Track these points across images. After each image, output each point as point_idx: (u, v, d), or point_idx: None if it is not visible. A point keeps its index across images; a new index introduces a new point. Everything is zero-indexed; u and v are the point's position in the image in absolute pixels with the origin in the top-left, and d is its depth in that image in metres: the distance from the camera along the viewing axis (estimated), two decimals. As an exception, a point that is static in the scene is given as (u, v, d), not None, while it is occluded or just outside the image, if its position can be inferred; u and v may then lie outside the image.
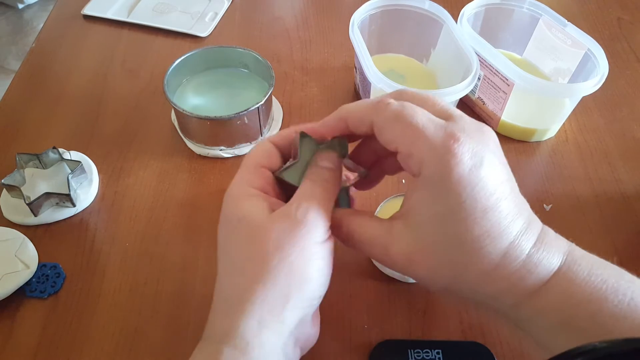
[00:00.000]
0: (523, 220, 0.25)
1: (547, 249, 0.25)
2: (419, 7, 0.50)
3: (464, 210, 0.23)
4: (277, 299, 0.25)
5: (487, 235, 0.24)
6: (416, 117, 0.25)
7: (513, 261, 0.25)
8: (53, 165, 0.44)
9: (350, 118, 0.28)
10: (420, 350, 0.34)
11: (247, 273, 0.25)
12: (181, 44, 0.59)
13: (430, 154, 0.24)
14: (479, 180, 0.24)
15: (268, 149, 0.29)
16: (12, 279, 0.37)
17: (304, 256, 0.25)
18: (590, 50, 0.46)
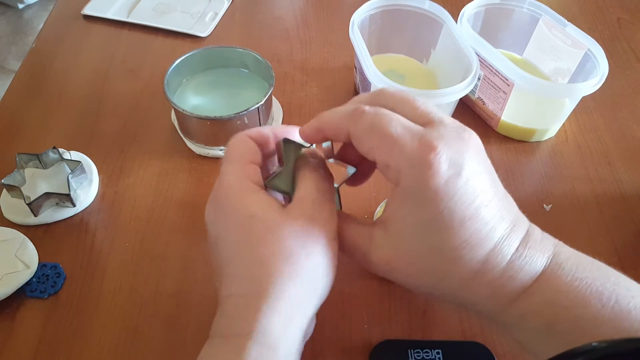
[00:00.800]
0: (506, 225, 0.25)
1: (531, 253, 0.25)
2: (419, 7, 0.50)
3: (441, 221, 0.24)
4: (304, 295, 0.25)
5: (465, 245, 0.24)
6: (391, 127, 0.24)
7: (494, 268, 0.24)
8: (53, 165, 0.44)
9: (327, 129, 0.28)
10: (420, 350, 0.34)
11: (270, 270, 0.24)
12: (181, 44, 0.59)
13: (407, 165, 0.24)
14: (457, 190, 0.23)
15: (252, 146, 0.29)
16: (13, 279, 0.37)
17: (325, 253, 0.26)
18: (590, 50, 0.46)
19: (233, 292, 0.26)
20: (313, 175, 0.28)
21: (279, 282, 0.24)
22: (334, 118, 0.27)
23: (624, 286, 0.25)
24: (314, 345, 0.35)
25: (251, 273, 0.25)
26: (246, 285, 0.25)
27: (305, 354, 0.35)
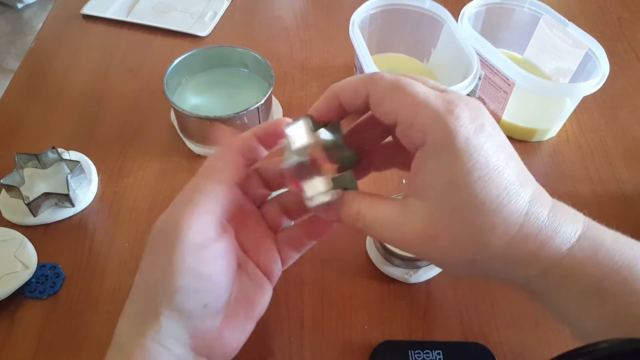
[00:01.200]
0: (534, 183, 0.25)
1: (566, 211, 0.25)
2: (419, 7, 0.50)
3: (477, 170, 0.23)
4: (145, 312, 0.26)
5: (505, 194, 0.23)
6: (415, 86, 0.24)
7: (537, 220, 0.24)
8: (52, 165, 0.44)
9: (344, 93, 0.26)
10: (421, 351, 0.34)
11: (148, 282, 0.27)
12: (181, 43, 0.59)
13: (434, 121, 0.23)
14: (486, 140, 0.23)
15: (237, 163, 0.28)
16: (12, 280, 0.37)
17: (167, 265, 0.25)
18: (591, 50, 0.46)
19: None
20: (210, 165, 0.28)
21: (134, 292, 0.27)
22: (352, 81, 0.26)
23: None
24: (314, 345, 0.35)
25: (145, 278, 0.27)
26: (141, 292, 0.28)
27: (306, 355, 0.35)
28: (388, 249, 0.37)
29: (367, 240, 0.41)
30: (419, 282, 0.38)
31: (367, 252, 0.40)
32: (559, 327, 0.37)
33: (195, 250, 0.25)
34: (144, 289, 0.27)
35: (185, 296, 0.25)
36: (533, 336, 0.36)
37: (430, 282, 0.39)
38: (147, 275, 0.27)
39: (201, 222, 0.26)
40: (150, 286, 0.26)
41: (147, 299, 0.26)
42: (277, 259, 0.32)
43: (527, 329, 0.36)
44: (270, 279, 0.32)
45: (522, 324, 0.37)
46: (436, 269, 0.39)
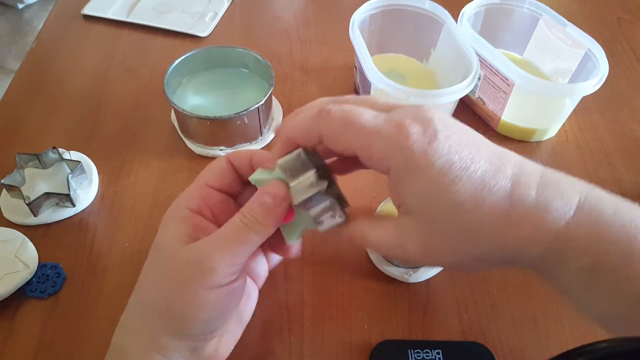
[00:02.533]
0: (513, 163, 0.25)
1: (558, 185, 0.24)
2: (419, 7, 0.50)
3: (445, 176, 0.23)
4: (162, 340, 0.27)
5: (482, 187, 0.23)
6: (363, 117, 0.25)
7: (523, 203, 0.24)
8: (53, 165, 0.44)
9: (296, 136, 0.27)
10: (420, 350, 0.34)
11: (147, 303, 0.28)
12: (181, 43, 0.59)
13: (389, 147, 0.24)
14: (443, 145, 0.24)
15: (222, 169, 0.30)
16: (13, 279, 0.37)
17: (196, 300, 0.26)
18: (590, 50, 0.46)
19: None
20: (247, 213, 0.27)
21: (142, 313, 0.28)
22: (301, 123, 0.27)
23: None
24: (314, 345, 0.35)
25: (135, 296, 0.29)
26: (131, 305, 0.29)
27: (306, 355, 0.35)
28: (388, 248, 0.37)
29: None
30: (418, 282, 0.39)
31: (367, 252, 0.40)
32: (559, 327, 0.37)
33: (221, 289, 0.26)
34: (156, 311, 0.27)
35: (201, 327, 0.27)
36: (533, 336, 0.36)
37: (430, 282, 0.39)
38: (162, 300, 0.27)
39: (232, 262, 0.26)
40: (165, 312, 0.27)
41: (159, 322, 0.27)
42: (264, 261, 0.34)
43: (526, 329, 0.36)
44: (258, 282, 0.33)
45: (521, 324, 0.37)
46: (436, 269, 0.39)
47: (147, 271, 0.28)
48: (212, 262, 0.26)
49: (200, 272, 0.26)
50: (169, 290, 0.26)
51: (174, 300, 0.26)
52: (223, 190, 0.30)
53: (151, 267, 0.28)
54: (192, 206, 0.28)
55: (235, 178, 0.30)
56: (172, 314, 0.26)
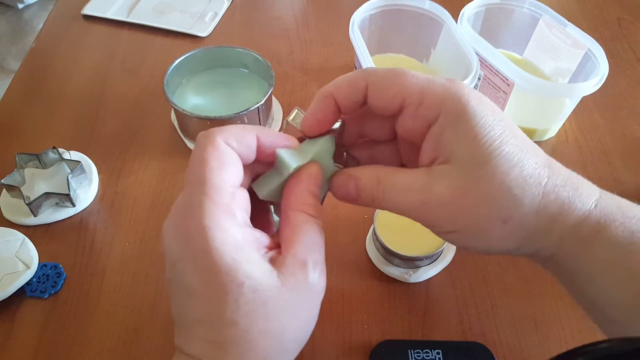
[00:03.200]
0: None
1: (579, 176, 0.25)
2: (419, 7, 0.50)
3: (497, 127, 0.23)
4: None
5: (525, 146, 0.24)
6: (412, 71, 0.25)
7: (560, 170, 0.24)
8: (53, 165, 0.44)
9: (339, 90, 0.25)
10: (421, 350, 0.34)
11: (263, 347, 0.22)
12: (181, 43, 0.59)
13: (445, 93, 0.24)
14: (493, 107, 0.24)
15: (236, 161, 0.24)
16: (13, 279, 0.37)
17: (314, 322, 0.25)
18: (590, 50, 0.46)
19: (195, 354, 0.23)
20: (312, 225, 0.24)
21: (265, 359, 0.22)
22: (345, 77, 0.25)
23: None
24: (314, 345, 0.35)
25: (233, 347, 0.22)
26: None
27: (306, 355, 0.35)
28: (388, 248, 0.37)
29: (367, 240, 0.41)
30: (418, 282, 0.39)
31: (367, 252, 0.40)
32: (559, 327, 0.37)
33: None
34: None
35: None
36: (533, 336, 0.36)
37: (430, 282, 0.39)
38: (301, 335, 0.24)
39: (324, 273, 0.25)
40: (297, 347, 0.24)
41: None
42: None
43: (526, 329, 0.36)
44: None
45: (522, 324, 0.37)
46: (436, 268, 0.39)
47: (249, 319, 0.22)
48: (320, 281, 0.24)
49: (319, 295, 0.24)
50: (300, 324, 0.24)
51: (305, 333, 0.24)
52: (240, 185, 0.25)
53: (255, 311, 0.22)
54: (241, 221, 0.23)
55: (241, 166, 0.25)
56: (302, 342, 0.24)
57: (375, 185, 0.25)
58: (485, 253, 0.26)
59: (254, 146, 0.25)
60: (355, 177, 0.26)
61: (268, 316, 0.22)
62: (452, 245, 0.40)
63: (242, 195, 0.24)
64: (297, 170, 0.25)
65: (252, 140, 0.25)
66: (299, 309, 0.23)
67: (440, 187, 0.24)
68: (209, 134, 0.25)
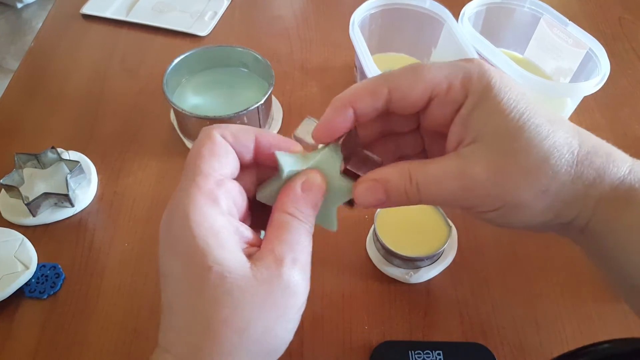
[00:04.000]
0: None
1: (610, 145, 0.26)
2: (419, 6, 0.50)
3: (523, 101, 0.24)
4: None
5: (554, 117, 0.24)
6: (426, 63, 0.25)
7: (590, 138, 0.25)
8: (52, 165, 0.44)
9: (359, 98, 0.25)
10: (421, 351, 0.34)
11: (217, 338, 0.21)
12: (180, 43, 0.58)
13: (470, 73, 0.24)
14: (513, 81, 0.24)
15: (229, 152, 0.24)
16: (12, 280, 0.37)
17: (289, 326, 0.23)
18: (591, 50, 0.46)
19: (170, 349, 0.22)
20: (297, 226, 0.24)
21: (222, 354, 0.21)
22: (363, 85, 0.25)
23: None
24: (314, 346, 0.35)
25: (193, 336, 0.21)
26: (185, 347, 0.22)
27: (306, 356, 0.35)
28: (388, 249, 0.37)
29: (367, 241, 0.41)
30: (419, 282, 0.38)
31: (367, 252, 0.40)
32: (560, 328, 0.37)
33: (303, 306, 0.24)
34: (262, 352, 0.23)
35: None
36: (534, 337, 0.36)
37: (431, 283, 0.39)
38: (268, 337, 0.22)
39: (308, 276, 0.24)
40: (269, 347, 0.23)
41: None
42: None
43: (527, 330, 0.36)
44: None
45: (522, 325, 0.37)
46: (437, 269, 0.39)
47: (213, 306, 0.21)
48: (299, 281, 0.22)
49: (293, 296, 0.22)
50: (266, 323, 0.22)
51: (273, 335, 0.22)
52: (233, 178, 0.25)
53: (220, 300, 0.21)
54: (224, 209, 0.23)
55: (237, 160, 0.25)
56: (272, 347, 0.23)
57: (407, 183, 0.24)
58: (526, 227, 0.25)
59: (251, 145, 0.25)
60: (383, 180, 0.25)
61: (232, 307, 0.21)
62: (452, 245, 0.40)
63: (232, 186, 0.24)
64: (295, 175, 0.25)
65: (249, 138, 0.25)
66: (268, 306, 0.22)
67: (477, 167, 0.23)
68: (208, 128, 0.25)
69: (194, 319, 0.22)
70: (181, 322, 0.22)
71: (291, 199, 0.24)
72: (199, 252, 0.21)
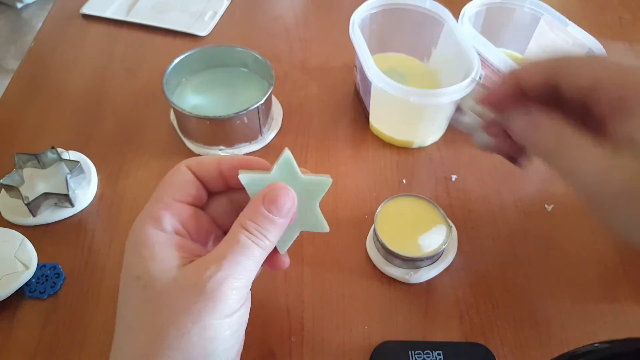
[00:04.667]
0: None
1: None
2: (419, 6, 0.50)
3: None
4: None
5: None
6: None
7: None
8: (52, 165, 0.44)
9: (527, 74, 0.25)
10: (421, 351, 0.34)
11: (140, 349, 0.22)
12: (180, 43, 0.58)
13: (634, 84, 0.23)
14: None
15: (185, 180, 0.26)
16: (12, 280, 0.37)
17: (207, 334, 0.22)
18: (591, 50, 0.46)
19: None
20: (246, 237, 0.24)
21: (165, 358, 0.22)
22: (534, 62, 0.25)
23: None
24: (314, 346, 0.35)
25: (126, 346, 0.23)
26: (114, 354, 0.23)
27: (306, 356, 0.35)
28: (389, 249, 0.37)
29: (367, 241, 0.41)
30: (419, 283, 0.38)
31: (367, 252, 0.40)
32: (560, 328, 0.37)
33: (233, 318, 0.23)
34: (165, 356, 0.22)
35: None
36: (534, 337, 0.36)
37: (431, 283, 0.39)
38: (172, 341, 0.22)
39: (242, 285, 0.23)
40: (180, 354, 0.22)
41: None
42: None
43: (527, 330, 0.36)
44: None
45: (522, 325, 0.37)
46: (437, 269, 0.39)
47: (136, 313, 0.23)
48: (222, 287, 0.22)
49: (214, 302, 0.22)
50: (179, 328, 0.22)
51: (190, 339, 0.22)
52: (191, 203, 0.26)
53: (141, 307, 0.23)
54: (166, 227, 0.24)
55: (201, 188, 0.27)
56: (188, 356, 0.22)
57: (553, 146, 0.24)
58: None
59: (214, 169, 0.26)
60: (538, 119, 0.25)
61: (151, 312, 0.22)
62: (452, 245, 0.40)
63: (183, 209, 0.25)
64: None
65: (211, 165, 0.26)
66: (181, 310, 0.22)
67: (621, 174, 0.22)
68: (180, 163, 0.27)
69: (120, 325, 0.24)
70: (117, 330, 0.24)
71: (248, 211, 0.25)
72: (131, 263, 0.23)
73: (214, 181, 0.27)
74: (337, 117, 0.51)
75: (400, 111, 0.47)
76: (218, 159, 0.26)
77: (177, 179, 0.26)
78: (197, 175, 0.26)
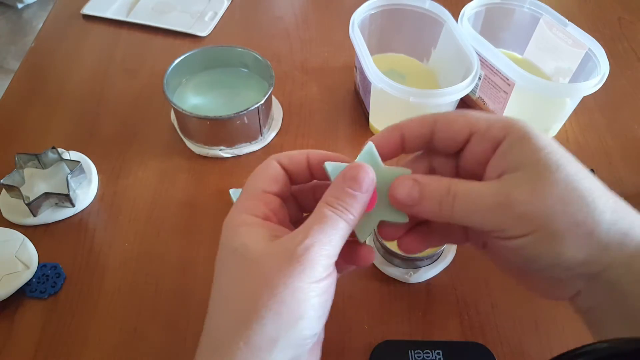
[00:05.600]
0: None
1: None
2: (419, 7, 0.50)
3: (559, 150, 0.25)
4: (263, 342, 0.23)
5: (584, 168, 0.25)
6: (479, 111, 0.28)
7: (617, 196, 0.26)
8: (52, 166, 0.44)
9: (408, 126, 0.28)
10: (421, 350, 0.34)
11: (236, 312, 0.24)
12: (181, 43, 0.59)
13: (511, 121, 0.26)
14: (549, 138, 0.26)
15: (275, 174, 0.28)
16: (12, 280, 0.37)
17: (297, 296, 0.23)
18: (591, 50, 0.46)
19: (207, 332, 0.25)
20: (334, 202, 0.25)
21: (238, 328, 0.23)
22: (415, 117, 0.28)
23: None
24: (314, 345, 0.35)
25: (221, 315, 0.25)
26: (216, 328, 0.25)
27: (306, 355, 0.35)
28: (388, 249, 0.37)
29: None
30: (419, 282, 0.38)
31: (367, 252, 0.40)
32: (559, 327, 0.37)
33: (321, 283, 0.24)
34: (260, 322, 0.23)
35: (311, 327, 0.24)
36: (533, 336, 0.36)
37: (430, 282, 0.39)
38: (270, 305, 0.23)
39: (328, 253, 0.24)
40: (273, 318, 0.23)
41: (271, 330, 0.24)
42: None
43: (527, 329, 0.36)
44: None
45: (522, 324, 0.37)
46: (436, 269, 0.39)
47: (233, 281, 0.25)
48: (310, 252, 0.24)
49: (303, 266, 0.23)
50: (276, 290, 0.23)
51: (282, 301, 0.23)
52: (279, 195, 0.28)
53: (237, 275, 0.25)
54: (259, 214, 0.26)
55: (287, 180, 0.28)
56: (279, 319, 0.23)
57: (445, 192, 0.26)
58: (553, 264, 0.25)
59: (304, 162, 0.28)
60: (422, 182, 0.26)
61: (246, 279, 0.24)
62: (452, 245, 0.40)
63: (270, 199, 0.28)
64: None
65: (301, 158, 0.28)
66: (273, 272, 0.23)
67: (517, 189, 0.24)
68: (270, 157, 0.29)
69: (216, 300, 0.26)
70: (211, 305, 0.26)
71: (331, 190, 0.26)
72: (228, 239, 0.26)
73: (302, 173, 0.29)
74: (337, 117, 0.51)
75: (400, 111, 0.47)
76: (306, 153, 0.28)
77: (268, 172, 0.28)
78: (285, 168, 0.28)
